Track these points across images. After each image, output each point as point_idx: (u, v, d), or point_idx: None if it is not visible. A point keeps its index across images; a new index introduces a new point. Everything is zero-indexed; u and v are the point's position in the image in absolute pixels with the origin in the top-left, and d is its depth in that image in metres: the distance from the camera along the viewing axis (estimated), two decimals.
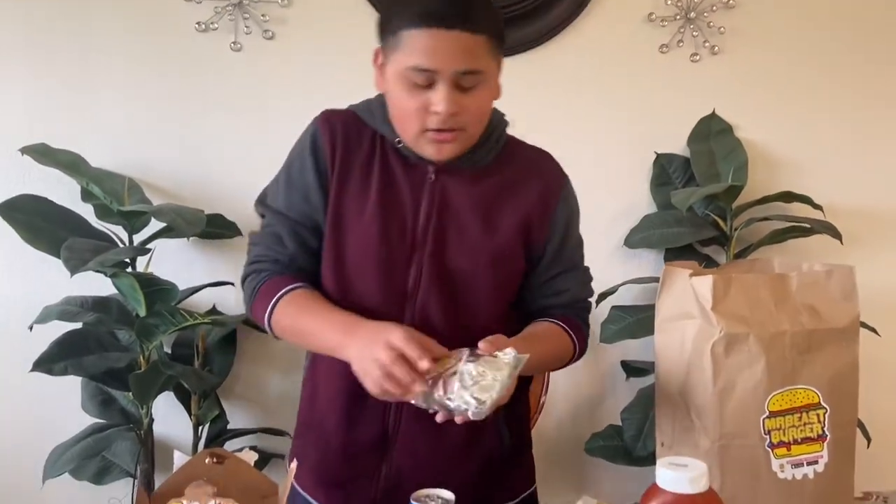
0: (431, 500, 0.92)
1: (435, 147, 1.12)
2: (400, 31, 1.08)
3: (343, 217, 1.17)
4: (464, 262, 1.17)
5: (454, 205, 1.17)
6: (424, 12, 1.06)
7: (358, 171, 1.18)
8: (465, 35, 1.06)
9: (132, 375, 1.59)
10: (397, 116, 1.14)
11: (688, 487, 0.83)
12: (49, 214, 1.68)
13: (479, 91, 1.11)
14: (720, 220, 1.97)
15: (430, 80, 1.07)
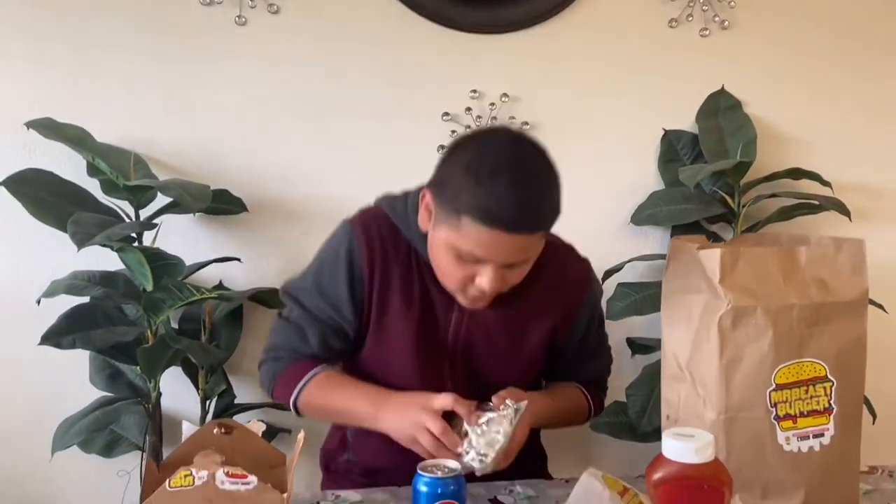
0: (438, 469, 0.92)
1: (471, 302, 1.16)
2: (462, 216, 1.06)
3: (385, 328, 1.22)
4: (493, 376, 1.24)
5: (483, 322, 1.22)
6: (492, 214, 1.04)
7: (397, 282, 1.20)
8: (526, 237, 1.08)
9: (140, 349, 1.60)
10: (438, 268, 1.15)
11: (694, 457, 0.83)
12: (55, 189, 1.68)
13: (525, 266, 1.14)
14: (728, 196, 1.96)
15: (480, 261, 1.09)
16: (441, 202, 1.10)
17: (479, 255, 1.07)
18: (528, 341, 1.26)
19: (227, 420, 1.06)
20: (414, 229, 1.18)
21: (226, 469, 0.92)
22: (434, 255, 1.15)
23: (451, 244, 1.09)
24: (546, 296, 1.24)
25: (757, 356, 1.03)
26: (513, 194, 1.04)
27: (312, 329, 1.24)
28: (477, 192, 1.05)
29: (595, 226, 2.04)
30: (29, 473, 1.82)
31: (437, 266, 1.15)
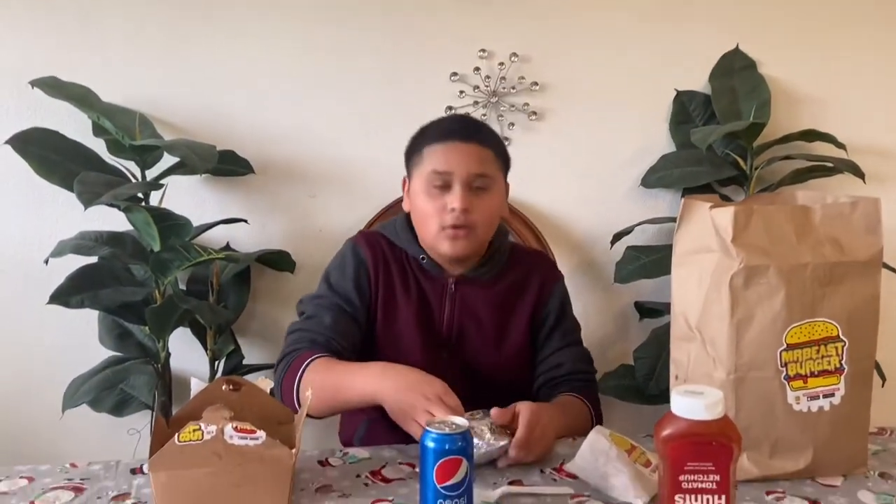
0: (446, 426, 0.92)
1: (450, 243, 1.32)
2: (424, 149, 1.34)
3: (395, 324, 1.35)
4: (484, 357, 1.37)
5: (472, 309, 1.38)
6: (445, 130, 1.35)
7: (398, 279, 1.37)
8: (477, 147, 1.33)
9: (148, 309, 1.60)
10: (420, 221, 1.36)
11: (703, 414, 0.83)
12: (61, 148, 1.67)
13: (489, 196, 1.33)
14: (740, 159, 1.94)
15: (448, 183, 1.31)
16: (409, 161, 1.38)
17: (443, 168, 1.30)
18: (513, 326, 1.39)
19: (235, 377, 1.06)
20: (403, 237, 1.39)
21: (234, 424, 0.93)
22: (415, 210, 1.36)
23: (422, 180, 1.32)
24: (524, 283, 1.42)
25: (769, 315, 1.01)
26: (459, 120, 1.44)
27: (328, 314, 1.33)
28: (429, 129, 1.37)
29: (604, 189, 2.02)
30: (40, 431, 1.84)
31: (419, 216, 1.35)
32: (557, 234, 2.01)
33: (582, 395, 1.37)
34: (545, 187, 1.99)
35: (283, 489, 0.96)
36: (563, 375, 1.40)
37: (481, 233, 1.34)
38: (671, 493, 0.84)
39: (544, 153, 1.99)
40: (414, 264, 1.39)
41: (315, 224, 1.95)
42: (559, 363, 1.41)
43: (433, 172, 1.31)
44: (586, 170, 2.01)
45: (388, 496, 1.01)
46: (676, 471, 0.83)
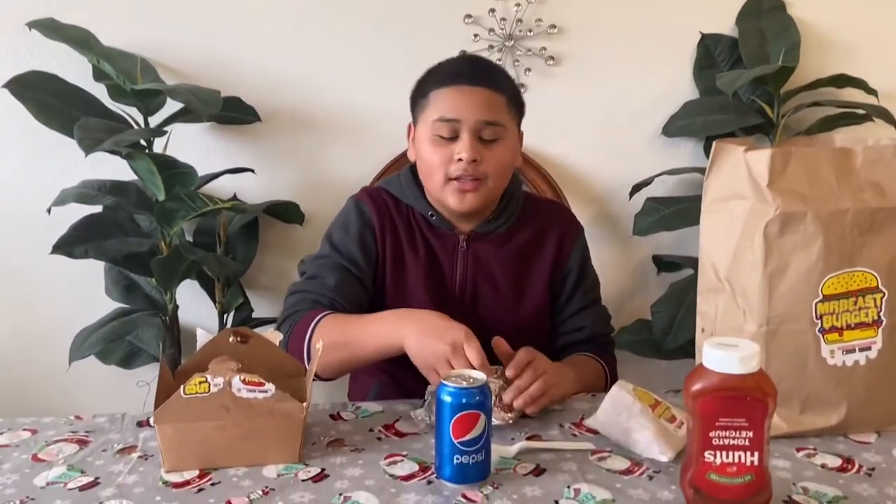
0: (463, 380, 0.88)
1: (458, 196, 1.22)
2: (430, 93, 1.23)
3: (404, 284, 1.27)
4: (499, 317, 1.28)
5: (486, 268, 1.30)
6: (452, 73, 1.23)
7: (405, 237, 1.29)
8: (487, 91, 1.22)
9: (154, 260, 1.56)
10: (425, 171, 1.26)
11: (737, 367, 0.78)
12: (60, 93, 1.61)
13: (500, 145, 1.23)
14: (767, 106, 1.86)
15: (455, 132, 1.21)
16: (415, 105, 1.28)
17: (450, 115, 1.20)
18: (530, 283, 1.31)
19: (242, 329, 1.02)
20: (409, 193, 1.30)
21: (242, 376, 0.89)
22: (420, 159, 1.27)
23: (427, 128, 1.23)
24: (541, 237, 1.33)
25: (804, 265, 0.96)
26: (466, 60, 1.32)
27: (331, 275, 1.25)
28: (437, 71, 1.26)
29: (624, 138, 1.95)
30: (48, 383, 1.82)
31: (424, 165, 1.25)
32: (574, 185, 1.94)
33: (598, 356, 1.33)
34: (562, 136, 1.92)
35: (293, 443, 0.92)
36: (584, 340, 1.35)
37: (492, 185, 1.24)
38: (700, 448, 0.80)
39: (561, 100, 1.91)
40: (422, 221, 1.30)
41: (324, 174, 1.89)
42: (580, 326, 1.35)
43: (439, 120, 1.20)
44: (605, 118, 1.94)
45: (402, 451, 0.97)
46: (707, 426, 0.79)
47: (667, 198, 1.88)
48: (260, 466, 0.91)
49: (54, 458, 0.94)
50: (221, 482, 0.88)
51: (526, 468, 0.93)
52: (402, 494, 0.86)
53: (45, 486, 0.88)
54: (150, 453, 0.95)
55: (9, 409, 1.79)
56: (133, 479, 0.89)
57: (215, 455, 0.90)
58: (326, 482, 0.89)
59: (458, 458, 0.87)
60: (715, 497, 0.80)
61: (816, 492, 0.88)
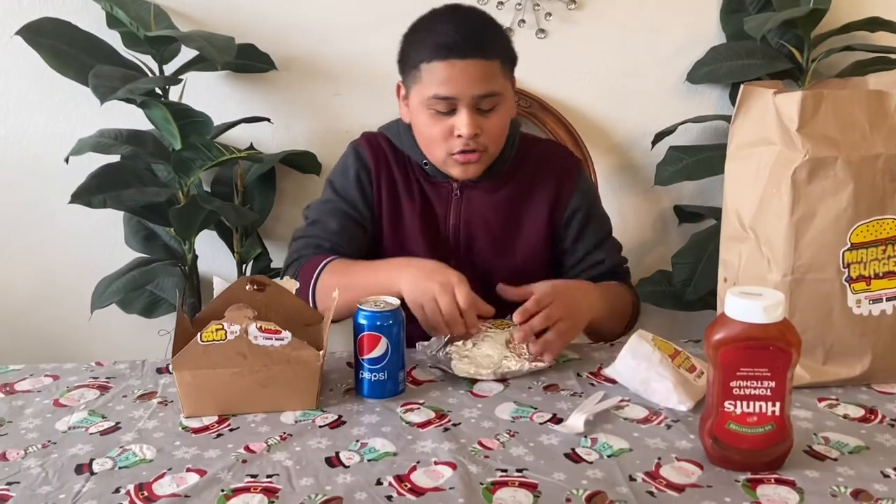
0: (376, 304, 0.95)
1: (461, 168, 1.22)
2: (420, 65, 1.18)
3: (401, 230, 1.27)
4: (494, 264, 1.27)
5: (480, 215, 1.28)
6: (441, 45, 1.16)
7: (401, 183, 1.29)
8: (480, 62, 1.16)
9: (172, 210, 1.56)
10: (424, 143, 1.24)
11: (761, 317, 0.76)
12: (74, 40, 1.59)
13: (498, 112, 1.20)
14: (796, 50, 1.79)
15: (452, 107, 1.17)
16: (404, 71, 1.24)
17: (445, 93, 1.16)
18: (525, 229, 1.30)
19: (259, 276, 1.02)
20: (405, 141, 1.29)
21: (259, 324, 0.89)
22: (417, 129, 1.24)
23: (422, 103, 1.19)
24: (535, 180, 1.30)
25: (833, 212, 0.93)
26: (456, 28, 1.17)
27: (333, 219, 1.28)
28: (425, 38, 1.19)
29: (646, 85, 1.89)
30: (70, 332, 1.85)
31: (423, 138, 1.24)
32: (595, 134, 1.90)
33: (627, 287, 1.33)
34: (582, 83, 1.87)
35: (310, 390, 0.92)
36: (606, 272, 1.32)
37: (493, 151, 1.24)
38: (720, 399, 0.79)
39: (582, 46, 1.86)
40: (416, 169, 1.30)
41: (340, 124, 1.86)
42: (600, 259, 1.32)
43: (434, 97, 1.17)
44: (627, 64, 1.88)
45: (419, 399, 0.97)
46: (728, 376, 0.78)
47: (690, 146, 1.84)
48: (278, 413, 0.92)
49: (76, 403, 0.96)
50: (240, 428, 0.89)
51: (542, 416, 0.93)
52: (419, 441, 0.86)
53: (67, 430, 0.89)
54: (170, 399, 0.96)
55: (32, 357, 1.83)
56: (153, 424, 0.90)
57: (233, 401, 0.91)
58: (343, 429, 0.89)
59: (362, 374, 0.96)
60: (734, 446, 0.79)
61: (838, 442, 0.87)
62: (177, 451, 0.84)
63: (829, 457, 0.84)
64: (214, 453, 0.83)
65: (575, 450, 0.85)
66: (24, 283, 1.86)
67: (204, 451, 0.84)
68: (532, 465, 0.81)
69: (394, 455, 0.83)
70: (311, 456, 0.83)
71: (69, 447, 0.85)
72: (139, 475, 0.80)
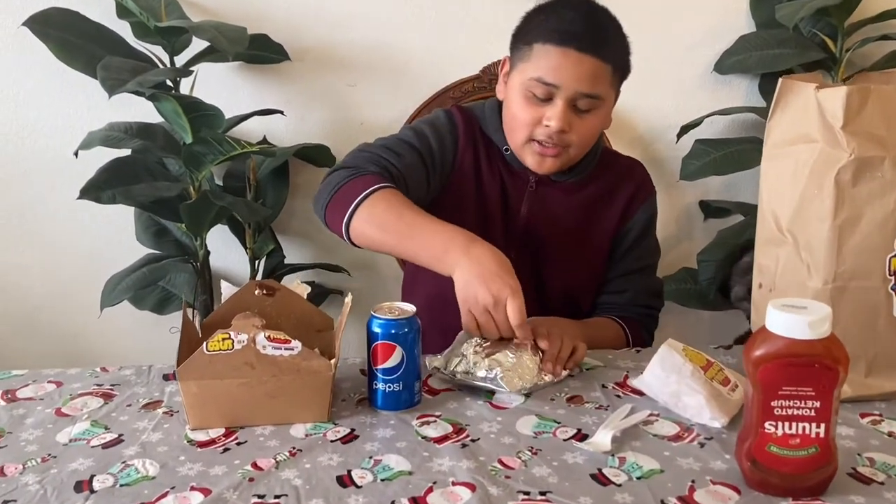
0: (391, 312, 0.91)
1: (537, 159, 1.18)
2: (534, 44, 1.13)
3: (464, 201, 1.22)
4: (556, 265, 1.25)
5: (551, 214, 1.24)
6: (562, 31, 1.11)
7: (482, 164, 1.24)
8: (595, 60, 1.11)
9: (183, 205, 1.52)
10: (509, 123, 1.20)
11: (806, 332, 0.70)
12: (84, 31, 1.54)
13: (593, 116, 1.16)
14: (829, 40, 1.72)
15: (550, 95, 1.13)
16: (516, 45, 1.18)
17: (550, 80, 1.11)
18: (594, 236, 1.27)
19: (268, 281, 0.97)
20: (490, 123, 1.25)
21: (267, 333, 0.84)
22: (507, 108, 1.20)
23: (523, 80, 1.14)
24: (613, 192, 1.27)
25: (879, 216, 0.87)
26: (582, 19, 1.13)
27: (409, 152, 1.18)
28: (548, 18, 1.14)
29: (672, 75, 1.83)
30: (80, 329, 1.82)
31: (510, 118, 1.20)
32: (617, 126, 1.82)
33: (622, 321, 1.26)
34: None
35: (321, 402, 0.88)
36: (622, 304, 1.28)
37: (574, 153, 1.19)
38: (761, 419, 0.73)
39: None
40: (497, 153, 1.25)
41: (356, 116, 1.81)
42: (623, 289, 1.29)
43: (537, 80, 1.12)
44: (652, 53, 1.80)
45: (436, 411, 0.92)
46: (769, 395, 0.72)
47: (717, 140, 1.78)
48: (288, 425, 0.88)
49: (78, 412, 0.92)
50: (248, 441, 0.85)
51: (566, 432, 0.88)
52: (436, 459, 0.81)
53: (68, 442, 0.85)
54: (176, 409, 0.92)
55: (42, 355, 1.81)
56: (157, 436, 0.86)
57: (241, 413, 0.87)
58: (355, 444, 0.85)
59: (376, 385, 0.92)
60: (774, 470, 0.74)
61: (884, 463, 0.81)
62: (181, 468, 0.80)
63: (875, 480, 0.78)
64: (220, 470, 0.79)
65: (602, 470, 0.80)
66: (33, 279, 1.83)
67: (209, 467, 0.80)
68: (556, 487, 0.76)
69: (409, 474, 0.79)
70: (321, 474, 0.79)
71: (69, 462, 0.81)
72: (140, 494, 0.76)
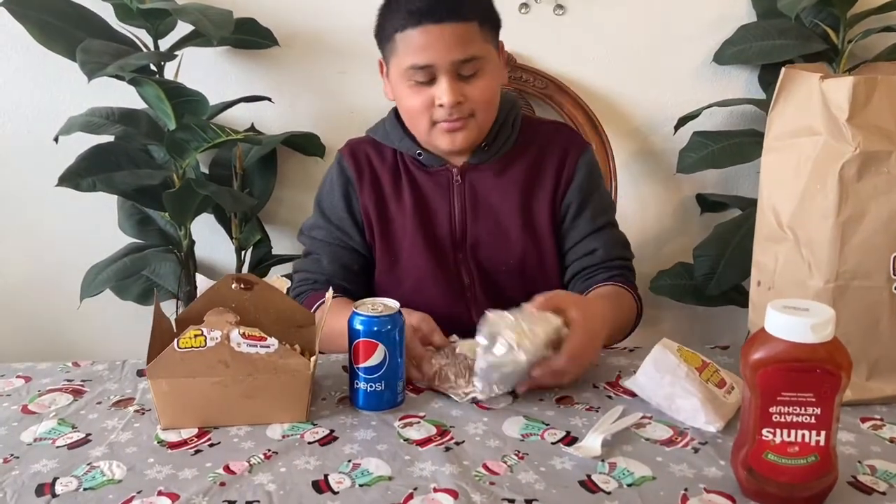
0: (374, 308, 0.88)
1: (448, 137, 1.15)
2: (394, 35, 1.11)
3: (390, 236, 1.21)
4: (503, 253, 1.20)
5: (485, 200, 1.21)
6: (412, 10, 1.09)
7: (390, 189, 1.22)
8: (455, 25, 1.08)
9: (166, 193, 1.48)
10: (408, 117, 1.18)
11: (808, 336, 0.67)
12: (64, 13, 1.50)
13: (481, 77, 1.13)
14: (831, 30, 1.68)
15: (431, 76, 1.11)
16: (381, 44, 1.17)
17: (422, 62, 1.09)
18: (535, 213, 1.21)
19: (246, 275, 0.93)
20: (393, 136, 1.23)
21: (241, 329, 0.80)
22: (400, 105, 1.19)
23: (400, 74, 1.13)
24: (542, 162, 1.23)
25: (885, 213, 0.83)
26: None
27: (325, 253, 1.23)
28: (398, 7, 1.11)
29: (669, 65, 1.79)
30: (60, 320, 1.77)
31: (406, 113, 1.18)
32: (614, 117, 1.80)
33: (626, 285, 1.19)
34: (601, 63, 1.77)
35: (300, 401, 0.84)
36: (599, 263, 1.21)
37: (481, 119, 1.15)
38: (758, 425, 0.70)
39: (602, 23, 1.75)
40: (411, 163, 1.22)
41: (346, 104, 1.77)
42: (592, 249, 1.21)
43: (411, 67, 1.10)
44: (650, 43, 1.77)
45: (419, 411, 0.89)
46: (767, 401, 0.69)
47: (716, 132, 1.73)
48: (264, 426, 0.84)
49: (45, 410, 0.88)
50: (221, 443, 0.81)
51: (555, 434, 0.84)
52: (417, 463, 0.78)
53: (33, 442, 0.82)
54: (148, 407, 0.88)
55: (22, 346, 1.76)
56: (127, 436, 0.82)
57: (215, 413, 0.83)
58: (334, 446, 0.81)
59: (357, 383, 0.88)
60: (772, 479, 0.70)
61: (885, 472, 0.77)
62: (149, 471, 0.76)
63: (876, 489, 0.75)
64: (190, 473, 0.75)
65: (591, 477, 0.76)
66: (12, 267, 1.79)
67: (179, 470, 0.76)
68: (543, 494, 0.73)
69: (388, 479, 0.75)
70: (296, 479, 0.75)
71: (32, 463, 0.78)
72: (105, 498, 0.72)
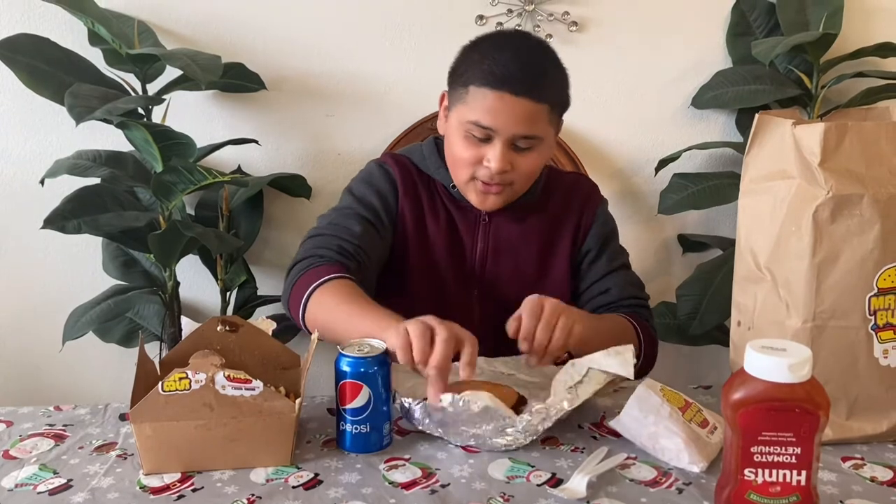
0: (360, 350, 0.88)
1: (481, 197, 1.18)
2: (469, 86, 1.13)
3: (426, 249, 1.22)
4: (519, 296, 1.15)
5: (507, 243, 1.25)
6: (496, 75, 1.11)
7: (428, 206, 1.24)
8: (531, 103, 1.11)
9: (151, 235, 1.48)
10: (451, 161, 1.20)
11: (786, 376, 0.68)
12: (53, 58, 1.51)
13: (533, 153, 1.16)
14: (805, 76, 1.73)
15: (488, 136, 1.13)
16: (452, 85, 1.18)
17: (487, 124, 1.11)
18: (553, 261, 1.26)
19: (231, 317, 0.94)
20: (431, 164, 1.25)
21: (226, 372, 0.80)
22: (448, 145, 1.20)
23: (461, 121, 1.14)
24: (563, 212, 1.28)
25: (858, 255, 0.86)
26: (517, 61, 1.12)
27: (354, 221, 1.20)
28: (483, 61, 1.12)
29: (650, 109, 1.83)
30: (44, 363, 1.76)
31: (451, 156, 1.19)
32: (596, 159, 1.83)
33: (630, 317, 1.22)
34: (584, 107, 1.80)
35: (284, 445, 0.84)
36: (613, 302, 1.25)
37: (518, 188, 1.20)
38: (740, 465, 0.71)
39: (584, 69, 1.77)
40: (443, 192, 1.25)
41: (332, 146, 1.79)
42: (606, 289, 1.25)
43: (474, 123, 1.12)
44: (630, 88, 1.82)
45: (405, 454, 0.89)
46: (749, 441, 0.70)
47: (695, 174, 1.77)
48: (248, 469, 0.83)
49: (27, 455, 0.87)
50: (204, 488, 0.80)
51: (540, 476, 0.84)
52: None
53: (14, 488, 0.81)
54: (130, 451, 0.87)
55: (5, 390, 1.74)
56: (108, 481, 0.82)
57: (199, 457, 0.82)
58: (319, 490, 0.81)
59: (343, 425, 0.88)
60: None
61: None
62: None
63: None
64: None
65: None
66: None
67: None
68: None
69: None
70: None
71: None
72: None
